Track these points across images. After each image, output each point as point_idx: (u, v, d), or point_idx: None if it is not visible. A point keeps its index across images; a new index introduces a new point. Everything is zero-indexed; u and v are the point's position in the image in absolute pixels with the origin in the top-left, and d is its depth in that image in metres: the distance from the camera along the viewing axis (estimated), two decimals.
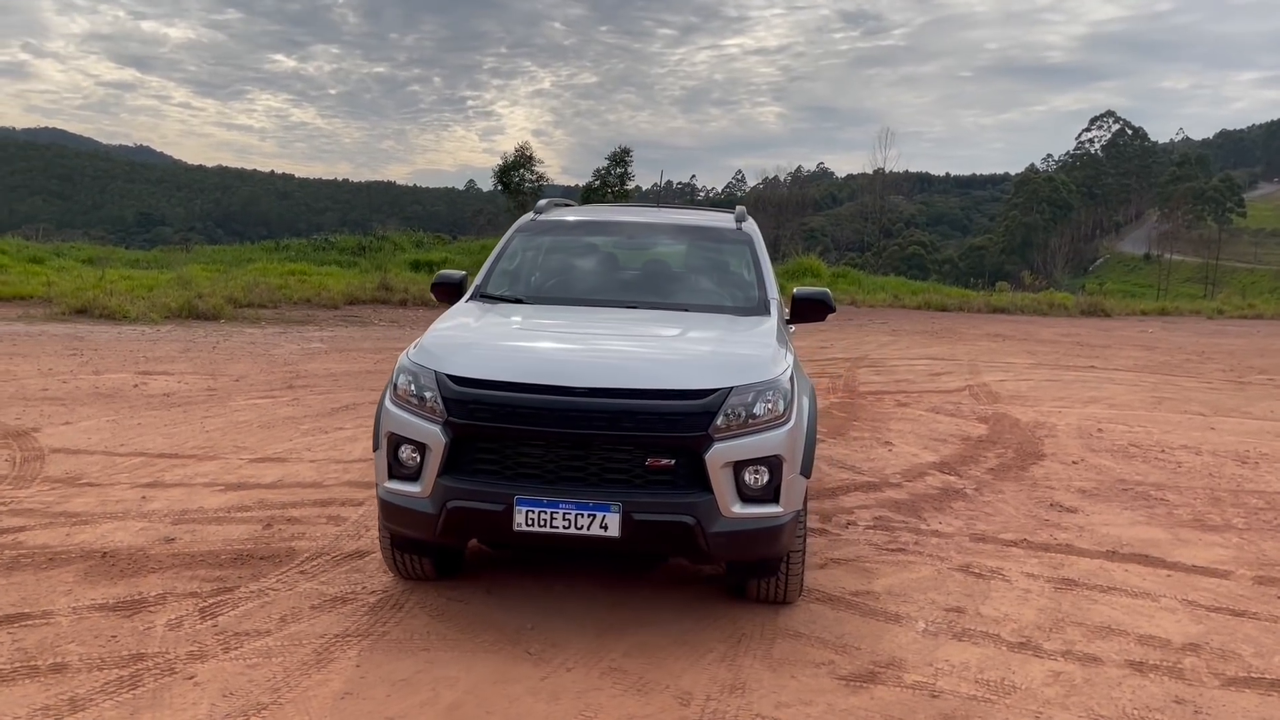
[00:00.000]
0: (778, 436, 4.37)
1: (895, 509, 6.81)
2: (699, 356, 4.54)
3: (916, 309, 25.87)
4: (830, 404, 10.89)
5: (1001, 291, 32.35)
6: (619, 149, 39.19)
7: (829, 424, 9.69)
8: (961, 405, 11.17)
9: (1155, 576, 5.63)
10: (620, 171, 38.68)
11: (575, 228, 6.18)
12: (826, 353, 15.63)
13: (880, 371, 13.77)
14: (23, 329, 15.09)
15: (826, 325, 19.96)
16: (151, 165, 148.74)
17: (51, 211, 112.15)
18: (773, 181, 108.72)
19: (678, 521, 4.17)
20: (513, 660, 4.18)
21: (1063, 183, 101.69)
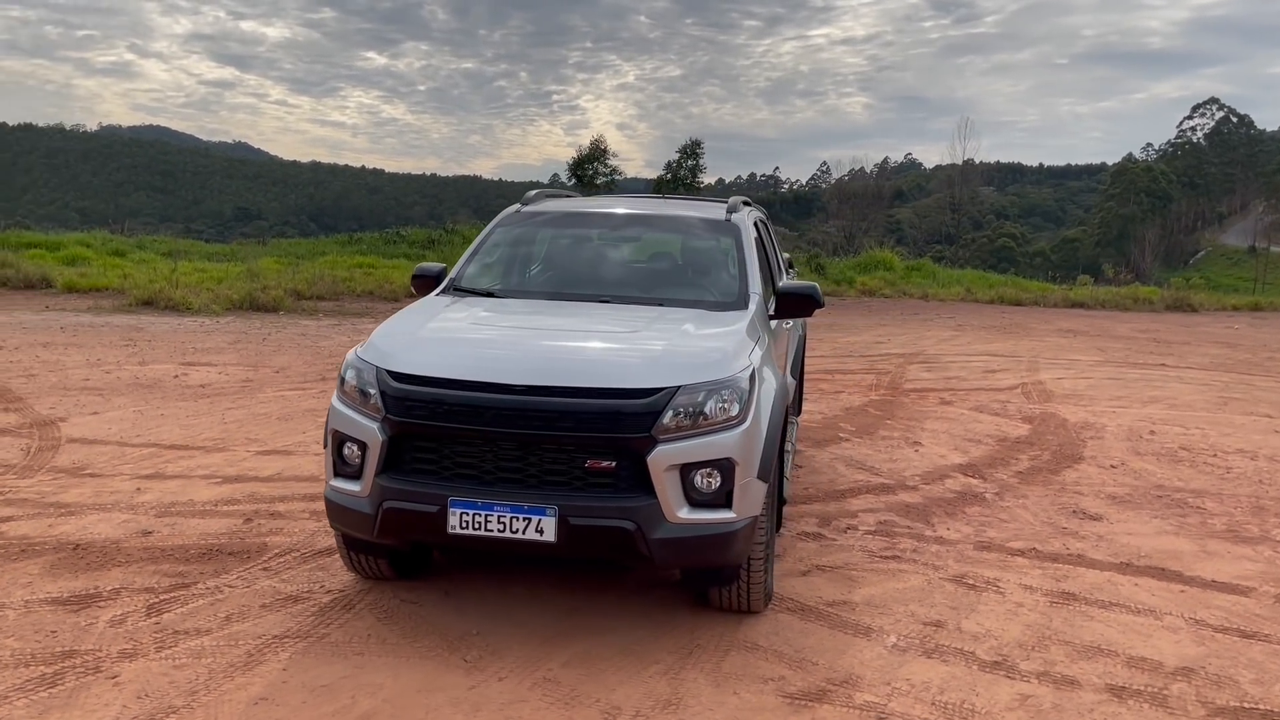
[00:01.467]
0: (730, 438, 4.15)
1: (903, 513, 6.51)
2: (648, 353, 4.34)
3: (989, 303, 25.08)
4: (867, 402, 10.55)
5: (1082, 285, 31.23)
6: (690, 141, 38.93)
7: (858, 423, 9.38)
8: (1009, 404, 10.72)
9: (1167, 592, 5.25)
10: (692, 164, 38.41)
11: (559, 219, 6.02)
12: (880, 348, 15.20)
13: (932, 368, 13.33)
14: (88, 320, 15.54)
15: (886, 320, 19.60)
16: (249, 161, 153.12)
17: (154, 206, 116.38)
18: (858, 173, 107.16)
19: (616, 527, 3.99)
20: (446, 667, 4.04)
21: (1161, 173, 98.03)
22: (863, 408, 10.20)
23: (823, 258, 31.08)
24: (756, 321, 5.00)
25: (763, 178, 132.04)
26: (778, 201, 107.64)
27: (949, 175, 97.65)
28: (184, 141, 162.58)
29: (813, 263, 29.24)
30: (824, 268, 28.95)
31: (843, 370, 12.80)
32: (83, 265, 23.08)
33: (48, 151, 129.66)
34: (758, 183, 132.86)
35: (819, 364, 13.24)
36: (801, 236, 73.54)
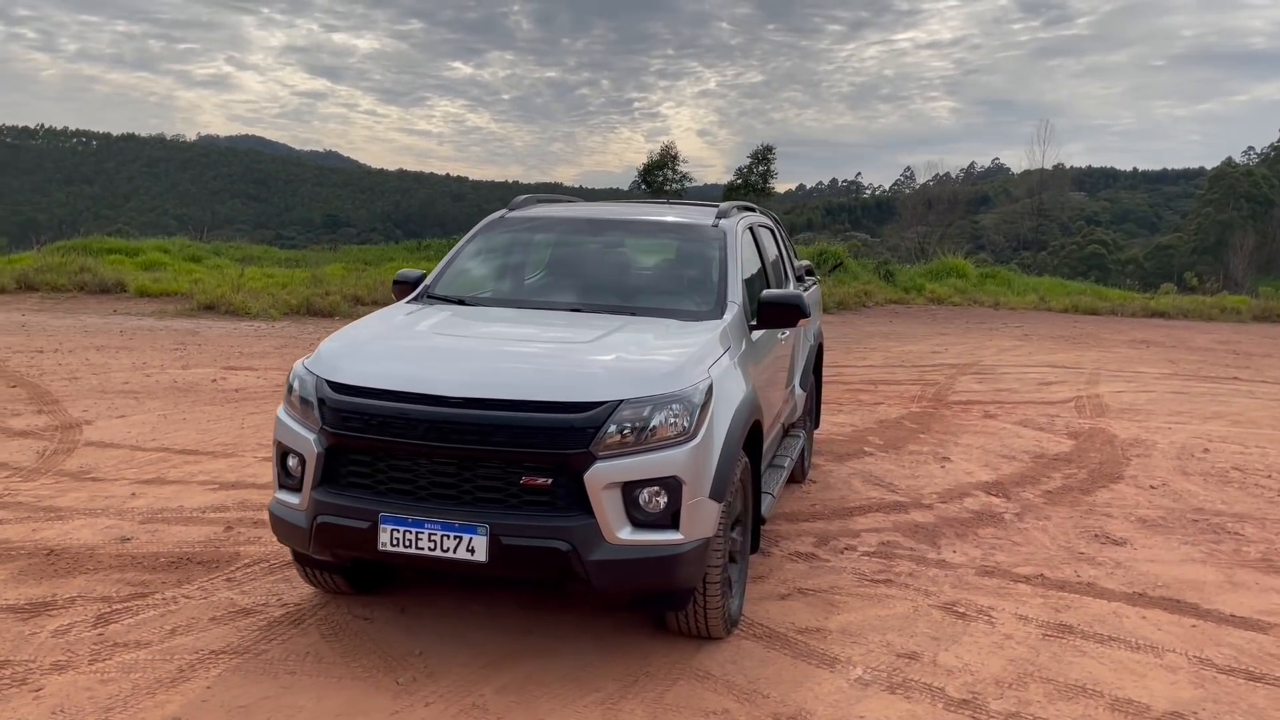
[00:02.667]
0: (677, 455, 3.93)
1: (910, 533, 6.20)
2: (593, 366, 4.15)
3: (1063, 312, 24.22)
4: (905, 414, 10.18)
5: (1165, 294, 30.01)
6: (761, 146, 38.51)
7: (888, 436, 9.04)
8: (1057, 419, 10.24)
9: (1176, 626, 4.87)
10: (763, 169, 38.02)
11: (542, 226, 5.86)
12: (935, 358, 14.73)
13: (984, 380, 12.85)
14: (149, 324, 15.92)
15: (947, 329, 19.03)
16: (339, 169, 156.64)
17: (249, 213, 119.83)
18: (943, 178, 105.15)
19: (549, 547, 3.80)
20: (375, 690, 3.91)
21: (1263, 177, 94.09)
22: (898, 420, 9.84)
23: (892, 264, 30.38)
24: (729, 332, 4.77)
25: (844, 183, 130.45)
26: (859, 207, 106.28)
27: (1037, 180, 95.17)
28: (277, 150, 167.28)
29: (881, 269, 28.63)
30: (893, 275, 28.31)
31: (888, 380, 12.42)
32: (159, 270, 23.70)
33: (149, 160, 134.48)
34: (839, 188, 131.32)
35: (865, 373, 12.88)
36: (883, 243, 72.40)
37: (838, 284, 25.02)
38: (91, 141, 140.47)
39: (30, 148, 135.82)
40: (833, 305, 21.63)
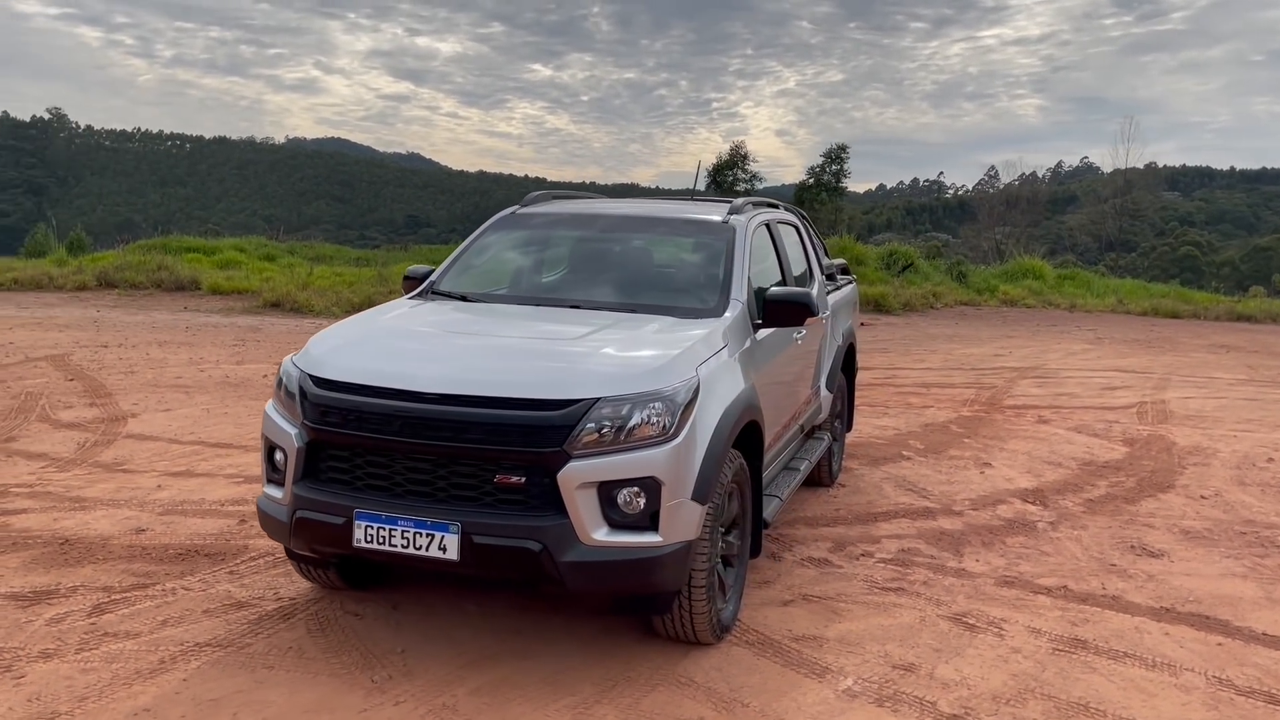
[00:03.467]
0: (655, 455, 3.83)
1: (934, 541, 6.00)
2: (572, 363, 4.07)
3: (1142, 315, 23.42)
4: (953, 418, 9.89)
5: (1253, 297, 28.83)
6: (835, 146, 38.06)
7: (930, 441, 8.79)
8: (1115, 425, 9.86)
9: (1200, 644, 4.62)
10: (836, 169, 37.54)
11: (550, 222, 5.79)
12: (997, 361, 14.33)
13: (1045, 384, 12.45)
14: (215, 320, 16.30)
15: (1017, 331, 18.53)
16: (420, 171, 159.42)
17: (333, 214, 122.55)
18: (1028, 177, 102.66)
19: (521, 547, 3.73)
20: (349, 687, 3.88)
21: None
22: (945, 425, 9.57)
23: (966, 265, 29.72)
24: (729, 330, 4.65)
25: (926, 183, 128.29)
26: (940, 207, 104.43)
27: (1127, 179, 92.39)
28: (361, 153, 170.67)
29: (954, 270, 28.04)
30: (966, 276, 27.70)
31: (943, 384, 12.10)
32: (234, 269, 24.29)
33: (240, 163, 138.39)
34: (920, 188, 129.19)
35: (919, 376, 12.58)
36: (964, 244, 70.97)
37: (907, 285, 24.57)
38: (185, 144, 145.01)
39: (128, 150, 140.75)
40: (898, 306, 21.24)
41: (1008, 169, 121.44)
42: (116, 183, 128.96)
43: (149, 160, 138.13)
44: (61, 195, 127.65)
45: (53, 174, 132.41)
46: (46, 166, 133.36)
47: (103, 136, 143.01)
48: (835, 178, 37.60)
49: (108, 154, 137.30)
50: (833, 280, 7.41)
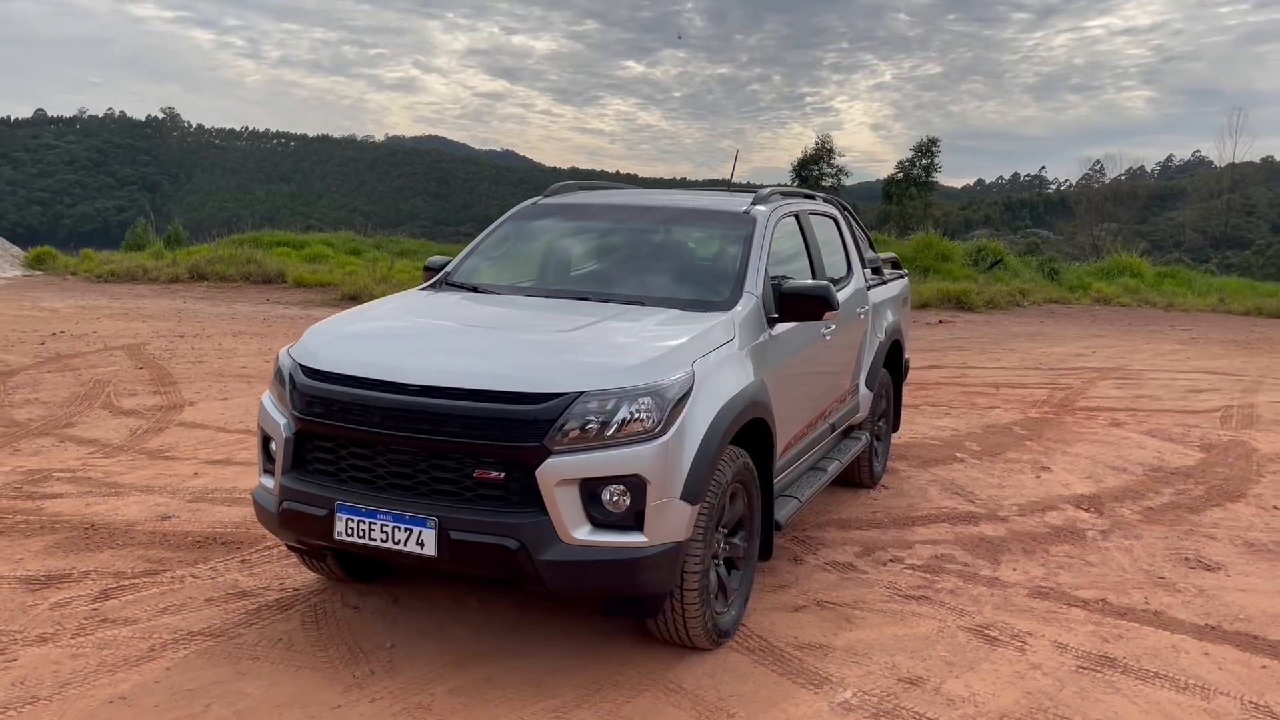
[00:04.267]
0: (642, 452, 3.69)
1: (971, 547, 5.73)
2: (558, 355, 3.96)
3: (1244, 315, 22.30)
4: (1018, 420, 9.50)
5: None
6: (925, 139, 37.21)
7: (988, 443, 8.44)
8: (1194, 429, 9.34)
9: (1242, 666, 4.29)
10: (926, 163, 36.70)
11: (570, 212, 5.67)
12: (1078, 361, 13.76)
13: (1125, 385, 11.90)
14: (292, 312, 16.66)
15: (1105, 331, 17.81)
16: (514, 168, 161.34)
17: (429, 210, 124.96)
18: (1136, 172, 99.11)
19: (498, 544, 3.63)
20: (329, 682, 3.83)
21: None
22: (1007, 426, 9.19)
23: (1058, 261, 28.74)
24: (738, 324, 4.48)
25: (1027, 178, 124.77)
26: (1041, 203, 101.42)
27: (1240, 174, 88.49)
28: (458, 150, 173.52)
29: (1046, 267, 27.14)
30: (1058, 273, 26.77)
31: (1015, 384, 11.65)
32: (319, 263, 24.83)
33: (341, 160, 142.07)
34: (1020, 183, 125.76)
35: (991, 376, 12.15)
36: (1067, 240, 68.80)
37: (994, 281, 23.85)
38: (290, 142, 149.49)
39: (235, 148, 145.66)
40: (981, 304, 20.61)
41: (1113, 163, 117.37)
42: (225, 179, 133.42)
43: (255, 158, 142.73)
44: (174, 191, 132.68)
45: (165, 171, 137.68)
46: (160, 164, 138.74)
47: (213, 135, 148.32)
48: (925, 172, 36.72)
49: (217, 152, 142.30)
50: (879, 275, 7.14)
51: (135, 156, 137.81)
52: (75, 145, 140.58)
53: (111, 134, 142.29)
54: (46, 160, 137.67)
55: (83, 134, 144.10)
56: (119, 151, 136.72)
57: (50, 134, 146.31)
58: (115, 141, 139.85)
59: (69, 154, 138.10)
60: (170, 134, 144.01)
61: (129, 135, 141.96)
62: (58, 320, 14.73)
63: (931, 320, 18.17)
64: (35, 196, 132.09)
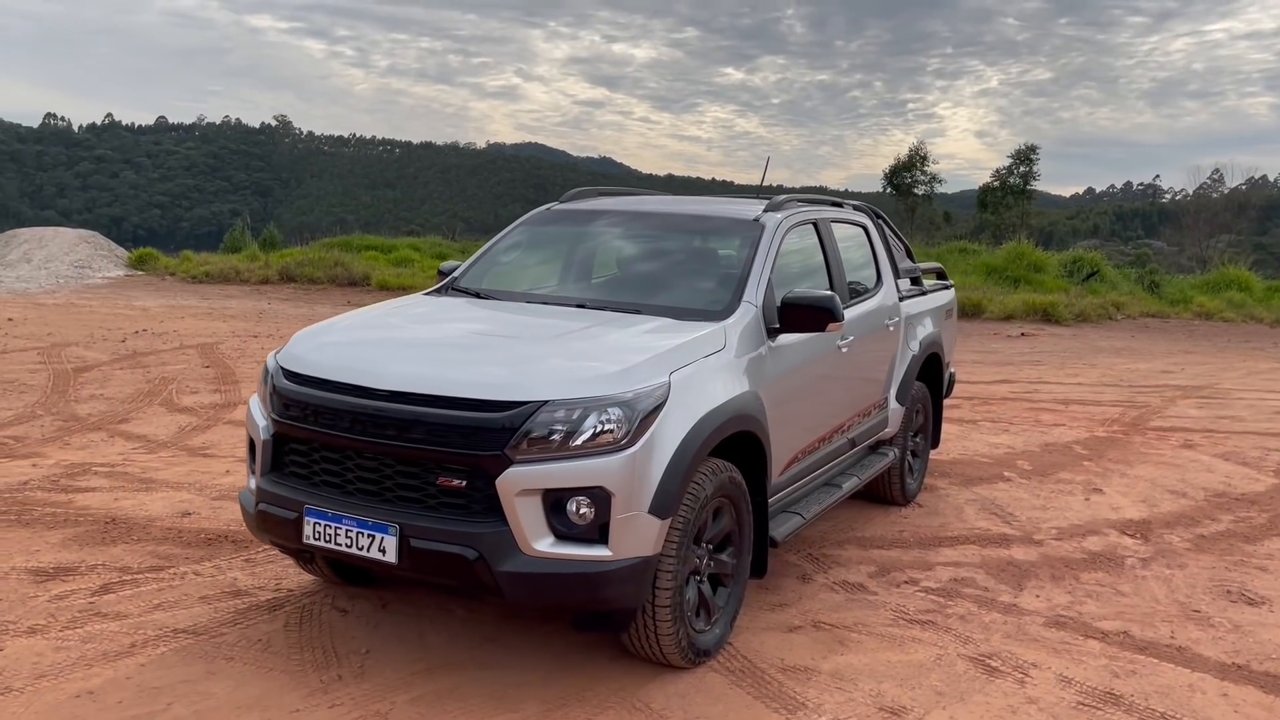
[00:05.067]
0: (606, 464, 3.61)
1: (996, 571, 5.48)
2: (525, 363, 3.90)
3: None
4: (1081, 438, 9.10)
5: None
6: (1024, 146, 36.15)
7: (1041, 462, 8.10)
8: (1272, 454, 8.82)
9: (1261, 710, 3.99)
10: (1024, 170, 35.68)
11: (583, 218, 5.60)
12: (1161, 379, 13.16)
13: (1207, 405, 11.32)
14: None
15: (1197, 347, 17.03)
16: (611, 175, 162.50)
17: None
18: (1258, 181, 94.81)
19: (455, 554, 3.59)
20: (293, 685, 3.83)
21: None
22: (1068, 445, 8.81)
23: (1159, 274, 27.60)
24: (731, 334, 4.35)
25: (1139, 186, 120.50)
26: (1155, 213, 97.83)
27: None
28: (556, 157, 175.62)
29: (1146, 280, 26.10)
30: (1159, 286, 25.72)
31: (1088, 400, 11.19)
32: (405, 267, 25.30)
33: (443, 167, 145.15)
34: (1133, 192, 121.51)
35: (1063, 392, 11.69)
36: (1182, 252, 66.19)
37: (1088, 294, 23.02)
38: (395, 149, 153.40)
39: (344, 155, 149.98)
40: (1070, 317, 19.89)
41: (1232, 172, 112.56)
42: (332, 185, 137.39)
43: (362, 164, 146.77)
44: (284, 196, 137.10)
45: (277, 176, 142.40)
46: (272, 169, 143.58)
47: (322, 142, 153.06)
48: (1023, 180, 35.69)
49: (326, 158, 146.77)
50: (918, 285, 6.91)
51: (249, 162, 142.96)
52: (194, 151, 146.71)
53: (228, 140, 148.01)
54: (167, 165, 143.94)
55: (201, 140, 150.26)
56: (234, 157, 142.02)
57: (171, 140, 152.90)
58: (231, 147, 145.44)
59: (188, 159, 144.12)
60: (282, 140, 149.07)
61: (244, 141, 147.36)
62: (146, 319, 15.30)
63: (1013, 333, 17.62)
64: (155, 200, 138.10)
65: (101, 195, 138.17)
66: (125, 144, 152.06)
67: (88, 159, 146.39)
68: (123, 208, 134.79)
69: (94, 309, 16.52)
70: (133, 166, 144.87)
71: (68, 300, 17.83)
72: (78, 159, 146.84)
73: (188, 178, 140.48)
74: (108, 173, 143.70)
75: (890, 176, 36.02)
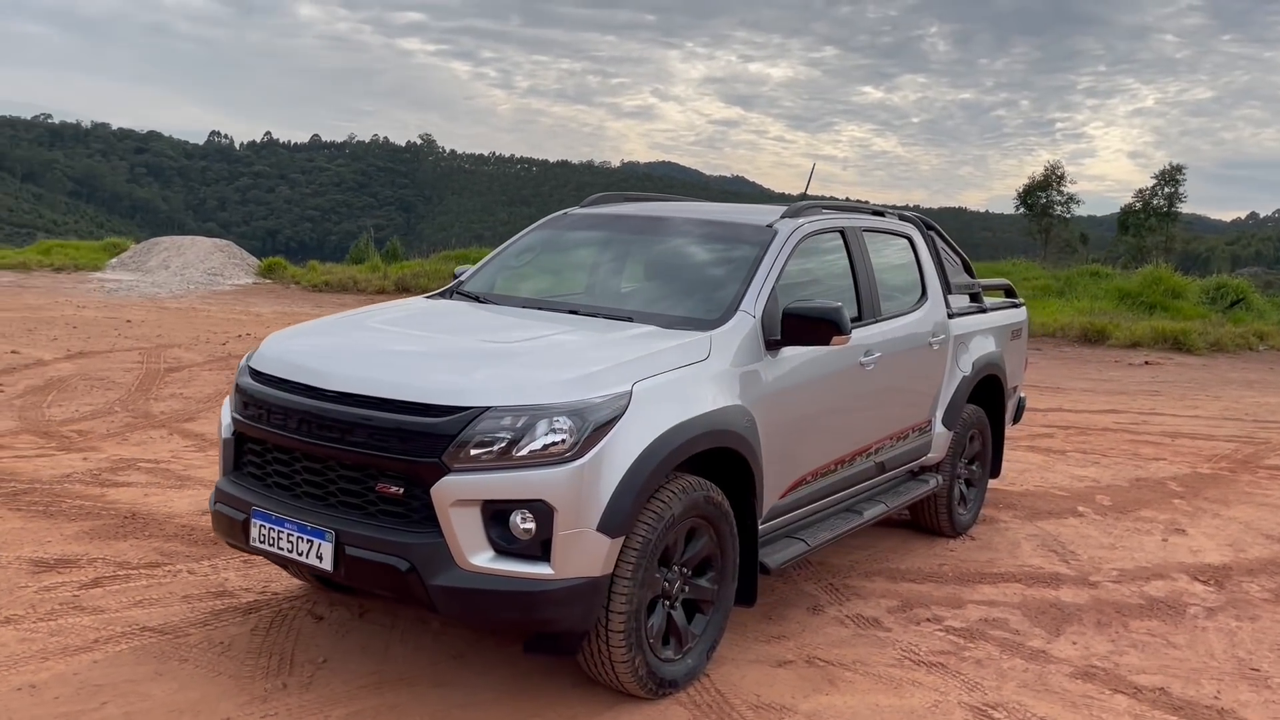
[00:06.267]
0: (549, 476, 3.39)
1: (1034, 613, 5.02)
2: (472, 367, 3.72)
3: None
4: (1181, 474, 8.38)
5: None
6: (1169, 166, 34.28)
7: (1125, 498, 7.48)
8: None
9: None
10: (1169, 192, 33.82)
11: (596, 223, 5.38)
12: None
13: None
14: None
15: None
16: (743, 194, 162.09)
17: None
18: None
19: (387, 564, 3.42)
20: (236, 692, 3.72)
21: None
22: (1161, 480, 8.13)
23: None
24: (715, 344, 4.07)
25: None
26: None
27: None
28: (689, 176, 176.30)
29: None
30: None
31: (1201, 434, 10.35)
32: None
33: (578, 185, 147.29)
34: None
35: (1175, 425, 10.86)
36: None
37: (1229, 322, 21.55)
38: (532, 168, 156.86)
39: (483, 172, 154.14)
40: (1203, 346, 18.61)
41: None
42: (472, 201, 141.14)
43: (500, 182, 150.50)
44: (426, 212, 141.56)
45: (420, 193, 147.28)
46: (416, 186, 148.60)
47: (463, 160, 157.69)
48: (1168, 201, 33.82)
49: (466, 176, 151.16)
50: (977, 302, 6.46)
51: (395, 179, 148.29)
52: (344, 168, 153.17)
53: (375, 158, 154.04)
54: (319, 181, 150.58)
55: (350, 158, 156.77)
56: (381, 174, 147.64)
57: (323, 157, 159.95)
58: (378, 165, 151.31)
59: (338, 176, 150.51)
60: (426, 158, 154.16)
61: (390, 159, 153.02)
62: (255, 324, 15.82)
63: (1136, 361, 16.59)
64: (307, 214, 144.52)
65: (258, 209, 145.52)
66: (281, 160, 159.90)
67: (247, 174, 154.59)
68: (277, 221, 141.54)
69: (210, 313, 17.18)
70: (288, 182, 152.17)
71: (190, 305, 18.62)
72: (238, 174, 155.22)
73: (337, 193, 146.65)
74: (264, 187, 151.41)
75: (1024, 196, 34.60)
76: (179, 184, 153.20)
